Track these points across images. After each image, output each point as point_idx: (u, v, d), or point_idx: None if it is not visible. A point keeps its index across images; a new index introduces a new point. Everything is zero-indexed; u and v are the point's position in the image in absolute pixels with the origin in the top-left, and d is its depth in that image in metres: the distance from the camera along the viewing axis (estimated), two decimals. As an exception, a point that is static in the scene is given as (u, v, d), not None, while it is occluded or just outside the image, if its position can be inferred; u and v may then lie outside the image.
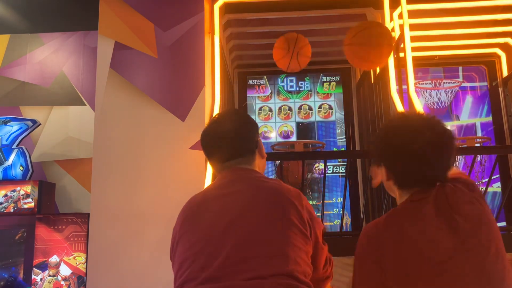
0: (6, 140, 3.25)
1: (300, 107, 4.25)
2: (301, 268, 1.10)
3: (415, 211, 1.12)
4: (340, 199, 3.98)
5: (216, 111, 2.62)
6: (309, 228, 1.16)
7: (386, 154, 1.21)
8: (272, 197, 1.18)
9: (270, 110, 4.25)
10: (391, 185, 1.22)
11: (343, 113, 4.19)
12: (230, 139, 1.31)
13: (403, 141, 1.15)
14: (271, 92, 4.28)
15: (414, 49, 2.94)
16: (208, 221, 1.17)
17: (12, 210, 3.00)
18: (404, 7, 2.75)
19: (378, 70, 3.26)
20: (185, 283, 1.10)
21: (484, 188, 2.48)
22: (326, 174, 3.04)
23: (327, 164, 3.56)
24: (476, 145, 3.56)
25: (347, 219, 3.90)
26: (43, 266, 2.81)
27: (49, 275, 2.81)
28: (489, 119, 3.88)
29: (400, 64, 2.81)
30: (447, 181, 1.18)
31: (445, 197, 1.12)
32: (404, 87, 2.77)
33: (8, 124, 3.27)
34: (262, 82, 4.29)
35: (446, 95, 3.99)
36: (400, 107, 2.63)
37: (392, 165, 1.20)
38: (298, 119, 4.23)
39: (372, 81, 3.41)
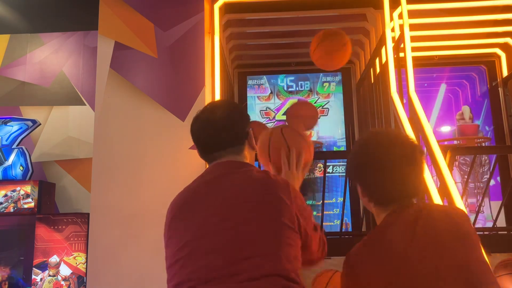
0: (6, 140, 3.25)
1: (300, 107, 4.25)
2: (292, 266, 1.10)
3: (384, 237, 1.14)
4: (340, 199, 3.98)
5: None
6: (297, 222, 1.16)
7: (358, 172, 1.24)
8: (261, 195, 1.16)
9: (270, 110, 4.25)
10: (367, 202, 1.23)
11: (343, 113, 4.19)
12: (220, 126, 1.31)
13: (373, 158, 1.18)
14: (271, 92, 4.28)
15: (414, 49, 2.94)
16: (197, 221, 1.16)
17: (12, 210, 3.00)
18: (404, 7, 2.75)
19: (378, 70, 3.26)
20: (177, 285, 1.10)
21: (485, 188, 2.47)
22: (326, 174, 3.04)
23: (327, 164, 3.57)
24: (476, 145, 3.56)
25: (347, 219, 3.90)
26: (43, 266, 2.81)
27: (49, 275, 2.81)
28: (489, 119, 3.89)
29: (400, 64, 2.81)
30: (418, 197, 1.20)
31: (415, 222, 1.12)
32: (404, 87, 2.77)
33: (8, 124, 3.27)
34: (262, 82, 4.28)
35: (446, 95, 3.99)
36: (400, 107, 2.63)
37: (365, 183, 1.22)
38: (298, 119, 4.23)
39: (372, 81, 3.41)
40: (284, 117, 4.23)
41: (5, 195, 3.03)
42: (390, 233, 1.13)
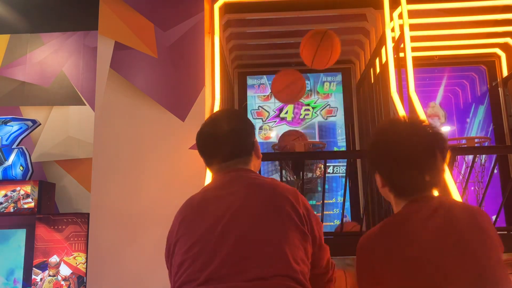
0: (6, 140, 3.25)
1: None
2: (299, 267, 1.10)
3: (407, 224, 1.12)
4: (340, 199, 3.97)
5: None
6: (306, 223, 1.17)
7: (378, 161, 1.23)
8: (269, 196, 1.18)
9: (263, 110, 4.25)
10: (387, 192, 1.23)
11: (343, 113, 4.19)
12: (227, 140, 1.30)
13: (392, 147, 1.17)
14: (271, 92, 4.28)
15: (414, 49, 2.94)
16: (206, 222, 1.16)
17: (12, 210, 3.00)
18: (404, 7, 2.75)
19: (378, 70, 3.26)
20: (184, 284, 1.10)
21: (484, 188, 2.48)
22: (327, 175, 3.05)
23: (327, 164, 3.57)
24: (476, 145, 3.55)
25: (347, 219, 3.90)
26: (43, 266, 2.81)
27: (49, 275, 2.81)
28: (489, 119, 3.89)
29: (400, 64, 2.81)
30: (438, 188, 1.19)
31: (441, 214, 1.11)
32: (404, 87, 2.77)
33: (8, 124, 3.27)
34: (262, 82, 4.28)
35: (446, 95, 3.99)
36: (400, 107, 2.63)
37: (385, 172, 1.21)
38: (298, 119, 4.23)
39: (372, 81, 3.41)
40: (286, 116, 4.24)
41: (5, 195, 3.03)
42: (409, 222, 1.12)
